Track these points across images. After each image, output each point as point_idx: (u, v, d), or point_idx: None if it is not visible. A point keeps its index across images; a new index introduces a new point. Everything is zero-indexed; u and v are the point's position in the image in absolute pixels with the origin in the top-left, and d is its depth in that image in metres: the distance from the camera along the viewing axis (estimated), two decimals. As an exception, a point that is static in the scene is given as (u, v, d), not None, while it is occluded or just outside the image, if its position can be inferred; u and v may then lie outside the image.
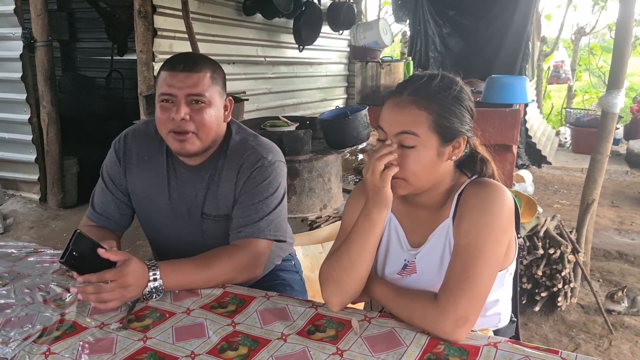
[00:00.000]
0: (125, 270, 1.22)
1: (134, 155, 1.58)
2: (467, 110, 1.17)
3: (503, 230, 1.13)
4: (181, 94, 1.39)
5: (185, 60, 1.44)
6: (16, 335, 1.14)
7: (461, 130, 1.16)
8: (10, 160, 4.77)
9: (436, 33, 7.13)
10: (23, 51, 4.37)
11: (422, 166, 1.14)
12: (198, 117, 1.41)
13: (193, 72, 1.41)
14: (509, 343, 1.05)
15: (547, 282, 2.88)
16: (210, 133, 1.46)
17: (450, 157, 1.17)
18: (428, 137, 1.13)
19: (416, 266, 1.24)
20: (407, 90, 1.16)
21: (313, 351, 1.07)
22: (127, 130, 1.63)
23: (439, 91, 1.15)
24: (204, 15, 5.06)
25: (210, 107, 1.43)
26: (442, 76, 1.18)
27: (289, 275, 1.74)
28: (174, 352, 1.08)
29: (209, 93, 1.43)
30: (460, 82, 1.20)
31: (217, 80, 1.47)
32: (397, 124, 1.14)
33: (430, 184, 1.19)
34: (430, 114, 1.13)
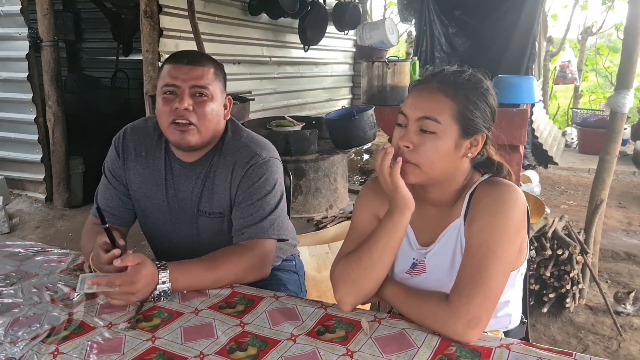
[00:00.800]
0: (135, 277, 1.22)
1: (132, 150, 1.58)
2: (489, 109, 1.17)
3: (516, 230, 1.11)
4: (185, 86, 1.41)
5: (189, 55, 1.47)
6: (24, 335, 1.14)
7: (482, 127, 1.15)
8: (16, 160, 4.79)
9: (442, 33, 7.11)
10: (29, 51, 4.39)
11: (439, 154, 1.13)
12: (200, 110, 1.42)
13: (197, 65, 1.43)
14: (521, 345, 1.04)
15: (555, 283, 2.86)
16: (210, 127, 1.46)
17: (467, 153, 1.16)
18: (449, 126, 1.12)
19: (426, 265, 1.23)
20: (436, 79, 1.17)
21: (323, 352, 1.06)
22: (126, 126, 1.63)
23: (468, 84, 1.15)
24: (210, 15, 5.06)
25: (212, 101, 1.45)
26: (472, 72, 1.19)
27: (285, 275, 1.72)
28: (183, 352, 1.07)
29: (212, 87, 1.44)
30: (489, 82, 1.20)
31: (219, 77, 1.49)
32: (420, 109, 1.14)
33: (442, 176, 1.18)
34: (455, 103, 1.13)
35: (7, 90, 4.63)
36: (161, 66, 1.47)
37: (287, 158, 3.41)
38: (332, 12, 6.94)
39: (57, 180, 4.59)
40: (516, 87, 4.06)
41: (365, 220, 1.29)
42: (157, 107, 1.46)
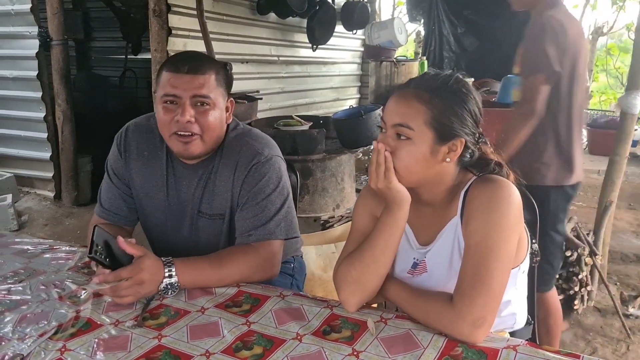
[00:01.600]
0: (140, 266, 1.22)
1: (134, 149, 1.57)
2: (470, 114, 1.16)
3: (512, 227, 1.11)
4: (186, 96, 1.38)
5: (190, 61, 1.42)
6: (32, 332, 1.14)
7: (459, 132, 1.14)
8: (26, 157, 4.82)
9: (451, 33, 7.10)
10: (39, 50, 4.41)
11: (414, 160, 1.13)
12: (203, 120, 1.40)
13: (199, 73, 1.40)
14: (528, 346, 1.03)
15: (564, 284, 2.84)
16: (214, 135, 1.45)
17: (445, 158, 1.16)
18: (423, 132, 1.12)
19: (427, 265, 1.23)
20: (414, 84, 1.18)
21: (329, 352, 1.06)
22: (128, 123, 1.61)
23: (444, 88, 1.15)
24: (218, 14, 5.07)
25: (214, 109, 1.43)
26: (451, 75, 1.19)
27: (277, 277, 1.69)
28: (189, 350, 1.08)
29: (214, 95, 1.42)
30: (470, 86, 1.19)
31: (221, 82, 1.46)
32: (395, 116, 1.15)
33: (423, 181, 1.18)
34: (429, 108, 1.13)
35: (17, 88, 4.66)
36: (159, 70, 1.44)
37: (294, 157, 3.41)
38: (340, 11, 6.93)
39: (66, 179, 4.61)
40: (525, 87, 4.03)
41: (365, 220, 1.29)
42: (157, 115, 1.44)
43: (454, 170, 1.21)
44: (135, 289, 1.22)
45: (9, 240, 1.70)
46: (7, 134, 4.85)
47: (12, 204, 4.11)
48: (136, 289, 1.22)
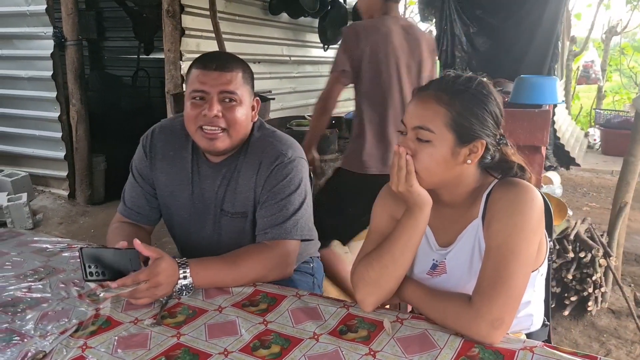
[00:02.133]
0: (156, 269, 1.24)
1: (159, 150, 1.60)
2: (490, 115, 1.16)
3: (534, 230, 1.11)
4: (214, 91, 1.42)
5: (218, 59, 1.46)
6: (53, 329, 1.16)
7: (480, 134, 1.15)
8: (41, 157, 4.88)
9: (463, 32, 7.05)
10: (54, 50, 4.46)
11: (435, 162, 1.14)
12: (229, 115, 1.43)
13: (226, 70, 1.43)
14: (545, 347, 1.03)
15: (577, 286, 2.83)
16: (240, 131, 1.47)
17: (466, 160, 1.16)
18: (443, 135, 1.13)
19: (446, 266, 1.23)
20: (434, 86, 1.18)
21: (346, 351, 1.06)
22: (154, 125, 1.65)
23: (464, 90, 1.15)
24: (231, 14, 5.09)
25: (241, 106, 1.45)
26: (471, 77, 1.19)
27: (300, 277, 1.71)
28: (208, 349, 1.09)
29: (240, 92, 1.45)
30: (491, 87, 1.19)
31: (248, 80, 1.49)
32: (415, 118, 1.15)
33: (444, 183, 1.19)
34: (449, 111, 1.13)
35: (32, 88, 4.72)
36: (189, 69, 1.48)
37: (307, 157, 3.40)
38: (352, 11, 6.93)
39: (80, 178, 4.66)
40: (539, 87, 4.01)
41: (384, 221, 1.30)
42: (185, 111, 1.47)
43: (475, 172, 1.21)
44: (152, 291, 1.24)
45: (28, 239, 1.73)
46: (22, 134, 4.91)
47: (28, 203, 4.16)
48: (153, 291, 1.24)
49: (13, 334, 1.15)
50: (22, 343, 1.11)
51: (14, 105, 4.86)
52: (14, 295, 1.33)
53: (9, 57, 4.77)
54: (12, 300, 1.30)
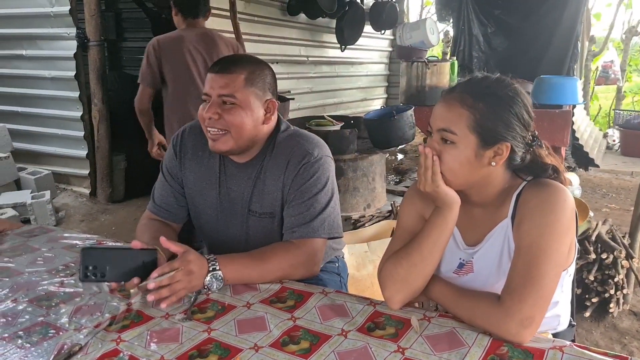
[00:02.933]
0: (188, 257, 1.26)
1: (189, 150, 1.63)
2: (516, 117, 1.15)
3: (565, 230, 1.11)
4: (214, 94, 1.45)
5: (224, 62, 1.49)
6: (87, 323, 1.19)
7: (505, 136, 1.14)
8: (63, 155, 4.95)
9: (480, 32, 7.03)
10: (77, 50, 4.53)
11: (459, 164, 1.15)
12: (227, 117, 1.45)
13: (226, 73, 1.45)
14: (575, 347, 1.03)
15: (599, 287, 2.80)
16: (244, 133, 1.47)
17: (491, 162, 1.16)
18: (466, 137, 1.14)
19: (473, 265, 1.24)
20: (460, 88, 1.19)
21: (374, 348, 1.08)
22: (185, 126, 1.68)
23: (488, 92, 1.16)
24: (250, 15, 5.14)
25: (242, 108, 1.46)
26: (497, 78, 1.19)
27: (328, 276, 1.73)
28: (238, 343, 1.11)
29: (241, 94, 1.45)
30: (519, 89, 1.19)
31: (255, 82, 1.48)
32: (440, 120, 1.17)
33: (469, 183, 1.19)
34: (472, 113, 1.13)
35: (55, 88, 4.79)
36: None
37: (326, 157, 3.42)
38: (369, 11, 6.95)
39: (101, 176, 4.73)
40: (559, 87, 4.00)
41: (412, 220, 1.31)
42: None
43: (503, 174, 1.21)
44: (187, 281, 1.25)
45: (58, 235, 1.77)
46: (45, 132, 4.99)
47: (50, 200, 4.23)
48: (188, 280, 1.25)
49: (49, 327, 1.18)
50: (58, 336, 1.14)
51: (38, 104, 4.94)
52: (47, 290, 1.36)
53: (33, 57, 4.85)
54: (46, 295, 1.34)
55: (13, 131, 4.82)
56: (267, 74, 1.52)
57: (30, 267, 1.50)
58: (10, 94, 5.04)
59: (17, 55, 4.91)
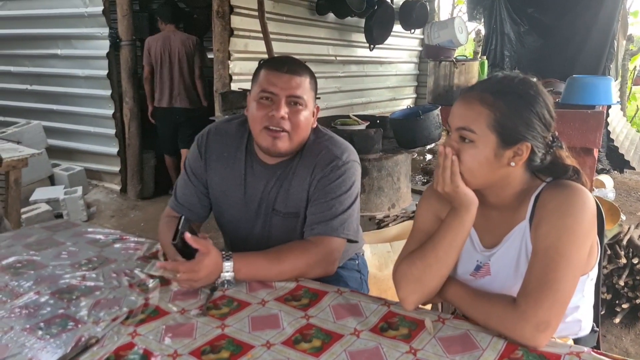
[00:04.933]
0: (198, 266, 1.28)
1: (214, 151, 1.63)
2: (537, 117, 1.13)
3: (585, 233, 1.08)
4: (283, 94, 1.45)
5: (290, 63, 1.50)
6: (105, 316, 1.22)
7: (525, 136, 1.12)
8: (95, 152, 5.08)
9: (513, 31, 6.91)
10: (109, 50, 4.63)
11: (477, 163, 1.13)
12: (295, 118, 1.46)
13: (296, 75, 1.46)
14: (593, 353, 1.00)
15: (630, 293, 2.72)
16: (302, 135, 1.50)
17: (510, 162, 1.14)
18: (486, 136, 1.12)
19: (490, 268, 1.22)
20: (480, 87, 1.17)
21: (386, 348, 1.07)
22: (209, 126, 1.69)
23: (509, 91, 1.14)
24: (278, 14, 5.15)
25: (305, 110, 1.48)
26: (518, 77, 1.17)
27: (347, 273, 1.73)
28: (251, 340, 1.12)
29: (307, 97, 1.48)
30: (540, 88, 1.16)
31: (313, 87, 1.53)
32: (459, 119, 1.15)
33: (488, 184, 1.17)
34: (492, 112, 1.11)
35: (88, 86, 4.91)
36: (257, 70, 1.51)
37: (351, 156, 3.42)
38: (399, 10, 6.89)
39: (131, 173, 4.82)
40: (592, 87, 3.89)
41: (428, 220, 1.29)
42: (250, 111, 1.51)
43: (522, 174, 1.19)
44: (189, 284, 1.30)
45: (83, 230, 1.81)
46: (78, 130, 5.12)
47: (82, 196, 4.34)
48: (190, 284, 1.30)
49: (68, 320, 1.21)
50: (77, 329, 1.17)
51: (72, 102, 5.08)
52: (69, 283, 1.39)
53: (68, 57, 4.98)
54: (67, 288, 1.37)
55: (48, 128, 4.96)
56: (316, 81, 1.56)
57: (55, 261, 1.54)
58: (45, 92, 5.20)
59: (52, 55, 5.05)
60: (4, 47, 5.33)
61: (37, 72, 5.21)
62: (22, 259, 1.55)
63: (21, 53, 5.26)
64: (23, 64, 5.29)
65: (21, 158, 2.96)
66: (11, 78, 5.38)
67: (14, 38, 5.24)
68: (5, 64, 5.37)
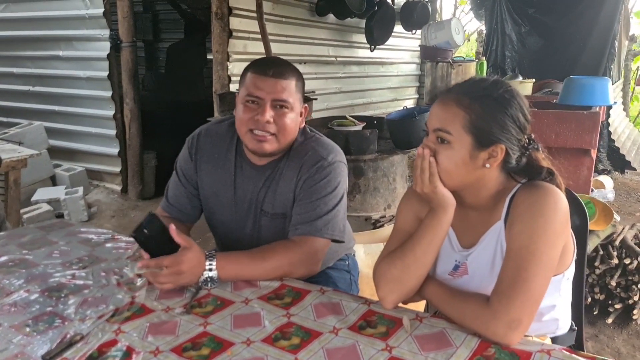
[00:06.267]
0: (181, 258, 1.30)
1: (205, 153, 1.66)
2: (512, 120, 1.15)
3: (557, 233, 1.11)
4: (268, 98, 1.47)
5: (275, 65, 1.51)
6: (92, 314, 1.24)
7: (500, 138, 1.15)
8: (96, 153, 5.11)
9: (514, 32, 6.92)
10: (110, 51, 4.66)
11: (454, 164, 1.15)
12: (280, 121, 1.48)
13: (282, 78, 1.48)
14: (563, 351, 1.02)
15: (622, 293, 2.73)
16: (288, 137, 1.52)
17: (485, 164, 1.16)
18: (461, 137, 1.14)
19: (468, 267, 1.24)
20: (456, 89, 1.20)
21: (362, 346, 1.09)
22: (200, 128, 1.71)
23: (485, 93, 1.16)
24: (278, 16, 5.18)
25: (291, 112, 1.50)
26: (495, 81, 1.20)
27: (337, 274, 1.75)
28: (231, 338, 1.14)
29: (292, 99, 1.50)
30: (516, 91, 1.19)
31: (299, 88, 1.54)
32: (436, 120, 1.17)
33: (464, 185, 1.19)
34: (468, 113, 1.14)
35: (89, 87, 4.95)
36: (244, 72, 1.53)
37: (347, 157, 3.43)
38: (399, 11, 6.91)
39: (132, 173, 4.86)
40: (588, 88, 3.89)
41: (408, 221, 1.31)
42: (237, 113, 1.53)
43: (498, 176, 1.21)
44: (174, 278, 1.30)
45: (76, 229, 1.84)
46: (79, 130, 5.16)
47: (83, 196, 4.37)
48: (175, 278, 1.31)
49: (55, 317, 1.23)
50: (63, 326, 1.20)
51: (73, 103, 5.12)
52: (58, 282, 1.42)
53: (69, 58, 5.02)
54: (57, 286, 1.39)
55: (50, 129, 5.00)
56: (303, 80, 1.58)
57: (47, 260, 1.57)
58: (47, 94, 5.24)
59: (54, 56, 5.09)
60: (6, 49, 5.38)
61: (39, 73, 5.26)
62: (14, 258, 1.58)
63: (24, 55, 5.32)
64: (25, 65, 5.34)
65: (20, 159, 3.00)
66: (14, 79, 5.44)
67: (16, 40, 5.29)
68: (8, 65, 5.43)
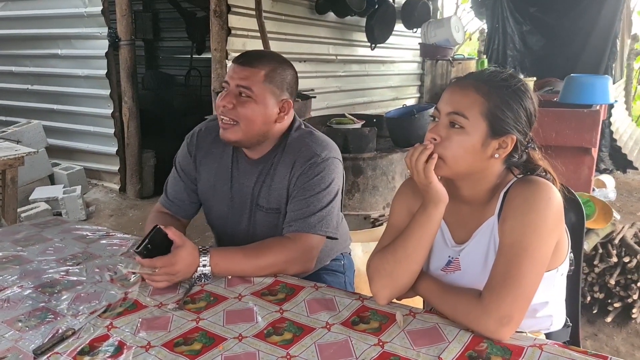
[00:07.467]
0: (174, 258, 1.30)
1: (203, 148, 1.67)
2: (524, 112, 1.16)
3: (549, 229, 1.10)
4: (233, 84, 1.48)
5: (249, 55, 1.53)
6: (84, 310, 1.24)
7: (512, 129, 1.14)
8: (94, 151, 5.12)
9: (515, 31, 6.90)
10: (108, 49, 4.66)
11: (464, 150, 1.14)
12: (241, 109, 1.48)
13: (248, 66, 1.48)
14: (555, 346, 1.02)
15: (622, 292, 2.72)
16: (253, 127, 1.50)
17: (494, 154, 1.15)
18: (477, 123, 1.13)
19: (460, 263, 1.23)
20: (473, 76, 1.20)
21: (355, 341, 1.09)
22: (199, 125, 1.72)
23: (502, 84, 1.16)
24: (277, 14, 5.18)
25: (256, 103, 1.48)
26: (511, 74, 1.19)
27: (330, 277, 1.73)
28: (224, 333, 1.14)
29: (258, 89, 1.48)
30: (530, 86, 1.19)
31: (274, 80, 1.51)
32: (451, 104, 1.16)
33: (467, 173, 1.18)
34: (487, 100, 1.13)
35: (87, 86, 4.95)
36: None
37: (346, 155, 3.43)
38: (400, 9, 6.90)
39: (131, 172, 4.86)
40: (588, 87, 3.88)
41: (401, 216, 1.30)
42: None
43: (499, 169, 1.21)
44: (168, 277, 1.31)
45: (72, 227, 1.84)
46: (78, 129, 5.16)
47: (81, 195, 4.37)
48: (169, 277, 1.31)
49: (48, 313, 1.23)
50: (55, 321, 1.19)
51: (71, 102, 5.12)
52: (52, 278, 1.42)
53: (68, 57, 5.03)
54: (50, 282, 1.39)
55: (48, 128, 5.00)
56: (288, 74, 1.55)
57: (41, 256, 1.56)
58: (46, 92, 5.25)
59: (52, 55, 5.10)
60: (5, 47, 5.39)
61: (37, 72, 5.26)
62: (8, 254, 1.57)
63: (22, 53, 5.33)
64: (24, 64, 5.35)
65: (18, 156, 3.00)
66: (12, 78, 5.44)
67: (15, 38, 5.30)
68: (7, 64, 5.43)
